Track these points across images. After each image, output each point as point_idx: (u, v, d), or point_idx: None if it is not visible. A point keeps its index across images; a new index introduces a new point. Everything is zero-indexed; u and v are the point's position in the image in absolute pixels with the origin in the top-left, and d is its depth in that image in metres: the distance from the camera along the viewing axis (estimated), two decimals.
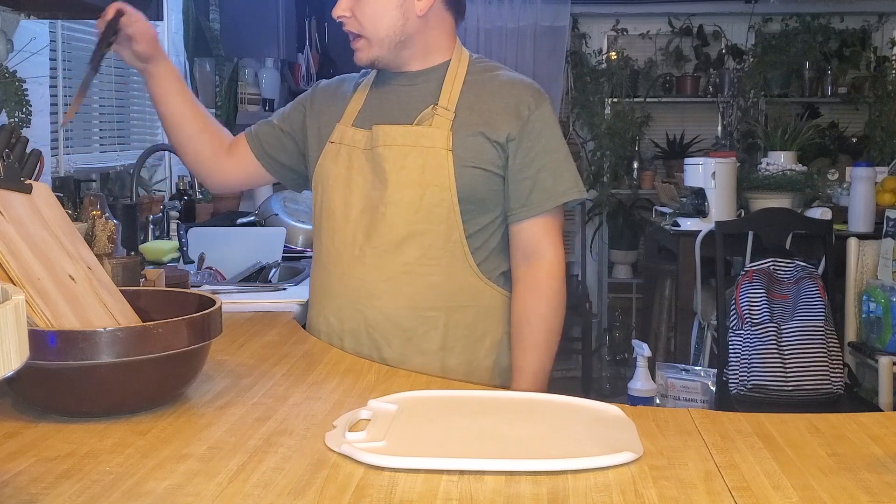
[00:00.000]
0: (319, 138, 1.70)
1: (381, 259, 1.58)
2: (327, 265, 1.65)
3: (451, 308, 1.60)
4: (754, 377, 2.97)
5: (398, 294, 1.58)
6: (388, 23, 1.59)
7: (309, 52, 4.68)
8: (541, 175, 1.61)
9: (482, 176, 1.60)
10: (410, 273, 1.58)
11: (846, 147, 5.86)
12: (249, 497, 0.90)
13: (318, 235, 1.69)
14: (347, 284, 1.61)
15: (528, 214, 1.62)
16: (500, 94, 1.63)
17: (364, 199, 1.61)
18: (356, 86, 1.73)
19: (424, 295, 1.58)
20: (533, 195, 1.62)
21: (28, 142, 1.27)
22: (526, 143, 1.61)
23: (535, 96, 1.64)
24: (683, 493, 0.91)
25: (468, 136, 1.59)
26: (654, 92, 5.86)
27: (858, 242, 3.24)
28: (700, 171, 3.83)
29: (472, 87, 1.63)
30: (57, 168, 2.61)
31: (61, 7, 2.35)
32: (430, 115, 1.60)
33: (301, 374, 1.36)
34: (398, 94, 1.66)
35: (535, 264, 1.65)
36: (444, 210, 1.57)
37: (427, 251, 1.58)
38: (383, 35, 1.60)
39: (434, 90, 1.63)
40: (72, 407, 1.12)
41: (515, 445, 1.03)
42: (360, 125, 1.65)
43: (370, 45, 1.62)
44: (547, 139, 1.63)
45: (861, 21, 5.97)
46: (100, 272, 1.29)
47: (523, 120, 1.61)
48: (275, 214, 2.89)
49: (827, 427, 1.12)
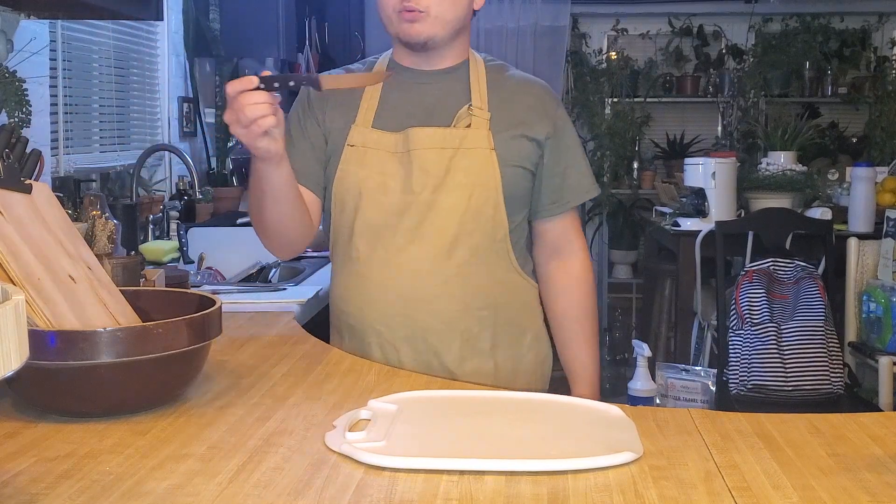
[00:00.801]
0: (334, 141, 1.62)
1: (432, 263, 1.56)
2: (366, 273, 1.59)
3: (498, 306, 1.61)
4: (754, 377, 2.97)
5: (452, 296, 1.57)
6: (459, 8, 1.56)
7: (309, 52, 4.68)
8: (568, 172, 1.66)
9: (523, 175, 1.62)
10: (462, 274, 1.57)
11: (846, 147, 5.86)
12: (249, 497, 0.90)
13: (351, 243, 1.61)
14: (395, 291, 1.57)
15: (559, 210, 1.68)
16: (523, 93, 1.64)
17: (404, 204, 1.56)
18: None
19: (476, 295, 1.58)
20: (564, 192, 1.66)
21: (28, 142, 1.27)
22: (556, 141, 1.64)
23: (553, 94, 1.69)
24: (683, 494, 0.91)
25: (509, 135, 1.59)
26: (654, 92, 5.86)
27: (858, 242, 3.24)
28: (700, 171, 3.84)
29: (495, 87, 1.63)
30: (57, 168, 2.61)
31: (61, 7, 2.35)
32: (465, 115, 1.59)
33: (301, 374, 1.36)
34: (423, 93, 1.62)
35: (569, 259, 1.71)
36: (490, 209, 1.58)
37: (475, 251, 1.58)
38: (451, 17, 1.56)
39: (461, 90, 1.61)
40: (72, 407, 1.12)
41: (515, 445, 1.03)
42: (383, 127, 1.59)
43: (429, 21, 1.55)
44: (570, 137, 1.68)
45: (861, 21, 5.97)
46: (100, 272, 1.29)
47: (552, 118, 1.64)
48: None
49: (827, 427, 1.12)
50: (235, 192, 3.58)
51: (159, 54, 3.39)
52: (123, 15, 2.63)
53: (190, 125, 3.55)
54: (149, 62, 3.33)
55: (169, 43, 3.41)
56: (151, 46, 3.35)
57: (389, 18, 1.57)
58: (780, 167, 3.96)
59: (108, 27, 2.96)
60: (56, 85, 2.62)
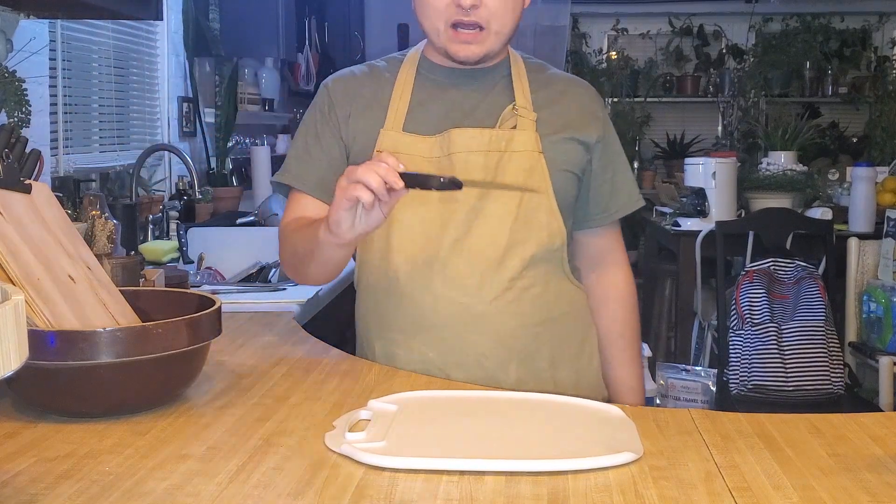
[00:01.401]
0: (360, 147, 1.49)
1: (482, 278, 1.42)
2: (408, 293, 1.44)
3: (554, 319, 1.49)
4: (755, 377, 2.97)
5: (506, 313, 1.43)
6: (514, 15, 1.43)
7: (309, 51, 4.68)
8: (616, 179, 1.56)
9: (572, 180, 1.50)
10: (515, 288, 1.44)
11: (846, 147, 5.87)
12: (249, 497, 0.90)
13: (387, 260, 1.46)
14: (442, 312, 1.43)
15: (605, 221, 1.57)
16: (569, 93, 1.54)
17: (446, 214, 1.43)
18: (389, 84, 1.51)
19: (531, 309, 1.45)
20: (611, 201, 1.56)
21: (27, 142, 1.27)
22: (604, 145, 1.54)
23: (598, 95, 1.60)
24: (684, 494, 0.91)
25: (558, 138, 1.48)
26: (654, 92, 5.86)
27: (859, 242, 3.24)
28: (700, 170, 3.84)
29: (538, 86, 1.51)
30: (56, 168, 2.61)
31: (61, 7, 2.35)
32: (511, 115, 1.46)
33: (301, 374, 1.36)
34: (460, 93, 1.49)
35: (613, 272, 1.60)
36: (543, 216, 1.45)
37: (528, 261, 1.44)
38: (508, 29, 1.44)
39: (502, 89, 1.50)
40: (71, 407, 1.12)
41: (515, 446, 1.03)
42: (416, 130, 1.46)
43: (489, 39, 1.42)
44: (616, 142, 1.58)
45: (861, 21, 5.97)
46: (99, 272, 1.29)
47: (601, 121, 1.54)
48: (275, 214, 2.89)
49: (827, 427, 1.11)
50: (235, 192, 3.58)
51: (159, 54, 3.39)
52: (123, 15, 2.63)
53: (190, 125, 3.55)
54: (148, 62, 3.33)
55: (169, 43, 3.40)
56: (151, 46, 3.34)
57: (436, 30, 1.43)
58: (780, 167, 3.96)
59: (107, 27, 2.96)
60: (56, 85, 2.62)
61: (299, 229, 1.46)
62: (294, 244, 1.46)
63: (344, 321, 2.62)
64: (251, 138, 4.23)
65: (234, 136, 3.84)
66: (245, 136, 4.17)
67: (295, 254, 1.46)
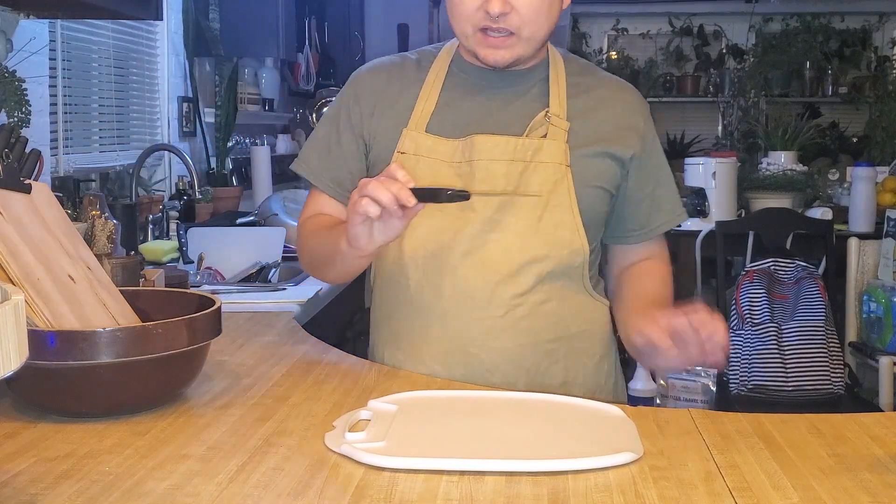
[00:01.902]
0: (381, 146, 1.44)
1: (493, 292, 1.36)
2: (417, 303, 1.40)
3: (570, 337, 1.42)
4: (755, 377, 2.97)
5: (517, 329, 1.38)
6: (552, 20, 1.35)
7: (309, 51, 4.68)
8: (657, 194, 1.47)
9: (602, 196, 1.42)
10: (526, 303, 1.37)
11: (847, 147, 5.87)
12: (249, 497, 0.90)
13: (399, 266, 1.41)
14: (452, 325, 1.38)
15: (644, 238, 1.49)
16: (609, 102, 1.44)
17: (461, 222, 1.37)
18: (418, 81, 1.45)
19: (543, 326, 1.39)
20: (651, 217, 1.48)
21: (27, 141, 1.27)
22: (643, 160, 1.44)
23: (644, 104, 1.49)
24: (684, 494, 0.91)
25: (589, 152, 1.39)
26: (654, 92, 5.86)
27: (859, 242, 3.24)
28: (700, 170, 3.84)
29: (577, 92, 1.43)
30: (56, 168, 2.61)
31: (61, 7, 2.35)
32: (541, 123, 1.38)
33: (301, 374, 1.36)
34: (491, 95, 1.42)
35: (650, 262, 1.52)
36: (566, 233, 1.38)
37: (543, 277, 1.37)
38: (542, 34, 1.35)
39: (537, 94, 1.42)
40: (71, 407, 1.12)
41: (515, 446, 1.03)
42: (438, 132, 1.40)
43: (520, 44, 1.34)
44: (658, 154, 1.48)
45: (862, 21, 5.98)
46: (99, 272, 1.29)
47: (641, 134, 1.44)
48: (275, 214, 2.89)
49: (827, 427, 1.11)
50: (235, 192, 3.58)
51: (159, 54, 3.39)
52: (123, 15, 2.63)
53: (189, 125, 3.55)
54: (148, 62, 3.33)
55: (168, 43, 3.40)
56: (151, 46, 3.34)
57: (465, 34, 1.37)
58: (780, 167, 3.96)
59: (107, 27, 2.96)
60: (56, 85, 2.62)
61: (317, 232, 1.44)
62: (314, 248, 1.44)
63: (344, 321, 2.63)
64: (251, 138, 4.23)
65: (234, 136, 3.84)
66: (245, 136, 4.17)
67: (315, 258, 1.45)
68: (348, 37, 5.26)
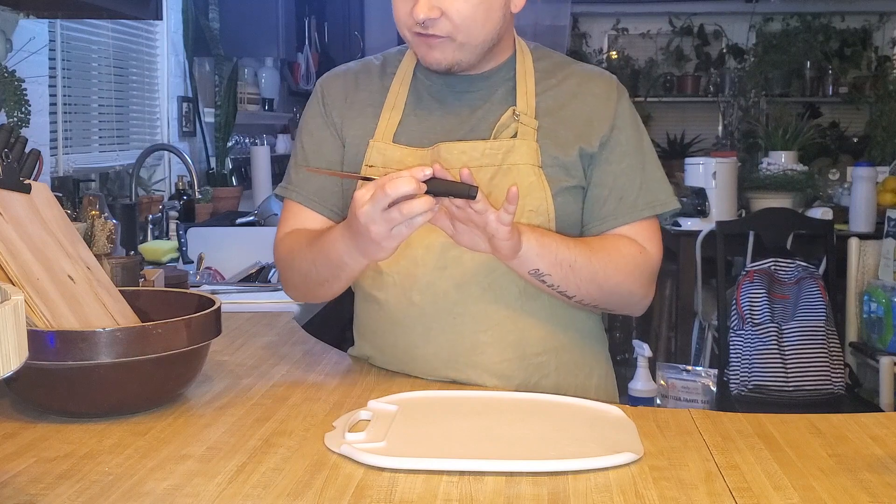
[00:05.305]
0: (350, 156, 1.38)
1: (475, 306, 1.31)
2: (398, 320, 1.35)
3: (558, 349, 1.36)
4: (755, 377, 2.97)
5: (503, 343, 1.32)
6: (490, 25, 1.28)
7: (309, 51, 4.68)
8: (629, 177, 1.36)
9: (575, 194, 1.35)
10: (512, 317, 1.32)
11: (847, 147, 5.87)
12: (249, 498, 0.90)
13: (376, 283, 1.37)
14: (436, 342, 1.33)
15: (615, 224, 1.37)
16: (579, 95, 1.36)
17: (434, 235, 1.30)
18: (383, 90, 1.40)
19: (530, 338, 1.34)
20: (622, 203, 1.36)
21: (27, 142, 1.27)
22: (613, 142, 1.35)
23: (616, 89, 1.39)
24: (684, 494, 0.91)
25: (560, 151, 1.32)
26: (654, 91, 5.87)
27: (859, 242, 3.24)
28: (701, 170, 3.84)
29: (546, 88, 1.36)
30: (56, 168, 2.61)
31: (61, 7, 2.35)
32: (509, 123, 1.32)
33: (301, 374, 1.36)
34: (457, 99, 1.36)
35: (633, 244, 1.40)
36: None
37: (526, 287, 1.31)
38: (481, 39, 1.29)
39: (505, 92, 1.36)
40: (71, 407, 1.12)
41: (515, 446, 1.03)
42: (408, 142, 1.35)
43: (456, 48, 1.29)
44: (637, 138, 1.38)
45: (862, 20, 5.98)
46: (99, 272, 1.29)
47: (610, 118, 1.36)
48: (274, 214, 2.89)
49: (828, 427, 1.11)
50: (235, 192, 3.58)
51: (158, 54, 3.39)
52: (123, 14, 2.63)
53: (189, 125, 3.55)
54: (148, 62, 3.33)
55: (168, 42, 3.40)
56: (151, 46, 3.34)
57: (406, 38, 1.32)
58: (780, 167, 3.96)
59: (107, 27, 2.96)
60: (55, 85, 2.62)
61: (302, 252, 1.35)
62: (305, 271, 1.35)
63: (344, 321, 2.62)
64: (251, 138, 4.23)
65: (234, 135, 3.84)
66: (245, 136, 4.17)
67: (308, 279, 1.35)
68: (348, 36, 5.26)
